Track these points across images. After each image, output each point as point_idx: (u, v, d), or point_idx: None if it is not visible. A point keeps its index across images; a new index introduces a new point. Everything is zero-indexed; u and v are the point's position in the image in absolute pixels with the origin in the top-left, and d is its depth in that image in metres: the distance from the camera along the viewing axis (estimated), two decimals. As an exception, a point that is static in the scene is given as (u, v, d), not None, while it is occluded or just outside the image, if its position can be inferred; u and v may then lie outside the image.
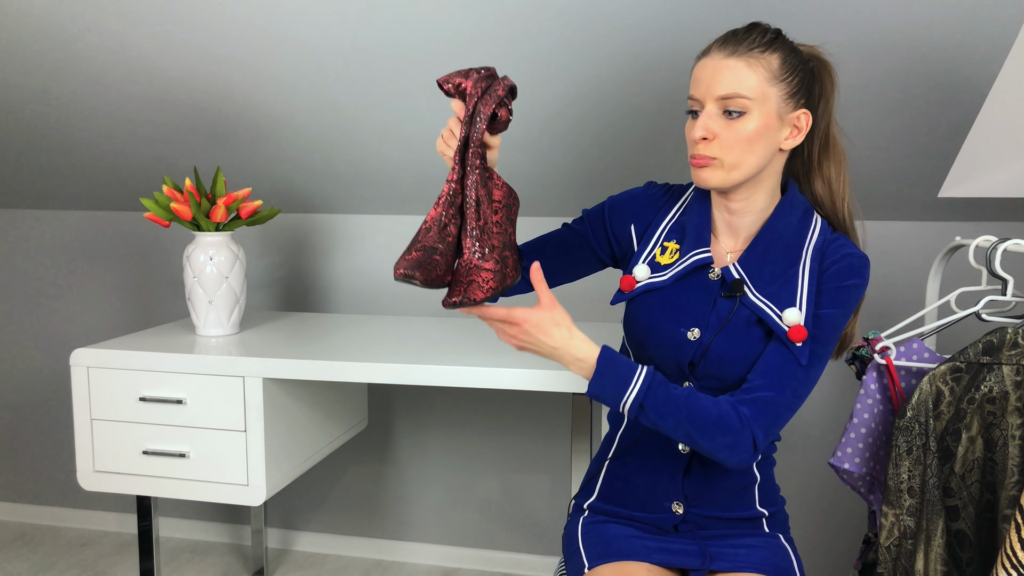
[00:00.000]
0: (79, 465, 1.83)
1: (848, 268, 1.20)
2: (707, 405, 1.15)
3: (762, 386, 1.17)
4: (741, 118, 1.16)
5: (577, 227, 1.37)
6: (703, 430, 1.14)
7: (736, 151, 1.17)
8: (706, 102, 1.18)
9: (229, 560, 2.49)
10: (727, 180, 1.20)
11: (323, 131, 2.06)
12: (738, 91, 1.15)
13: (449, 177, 1.18)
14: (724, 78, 1.16)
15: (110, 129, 2.18)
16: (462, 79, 1.17)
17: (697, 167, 1.20)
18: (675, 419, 1.14)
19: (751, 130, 1.16)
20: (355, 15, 1.73)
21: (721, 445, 1.14)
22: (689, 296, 1.24)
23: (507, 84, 1.16)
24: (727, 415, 1.14)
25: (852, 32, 1.60)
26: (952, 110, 1.72)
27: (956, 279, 2.03)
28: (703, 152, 1.19)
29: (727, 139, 1.17)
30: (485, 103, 1.15)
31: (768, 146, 1.19)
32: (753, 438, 1.15)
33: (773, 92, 1.17)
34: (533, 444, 2.34)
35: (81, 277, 2.61)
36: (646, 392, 1.15)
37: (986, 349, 1.27)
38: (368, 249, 2.38)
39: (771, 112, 1.17)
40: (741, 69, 1.16)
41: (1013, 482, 1.24)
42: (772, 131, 1.18)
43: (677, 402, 1.15)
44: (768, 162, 1.21)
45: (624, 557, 1.23)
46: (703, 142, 1.18)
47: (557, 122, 1.93)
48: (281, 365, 1.70)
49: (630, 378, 1.15)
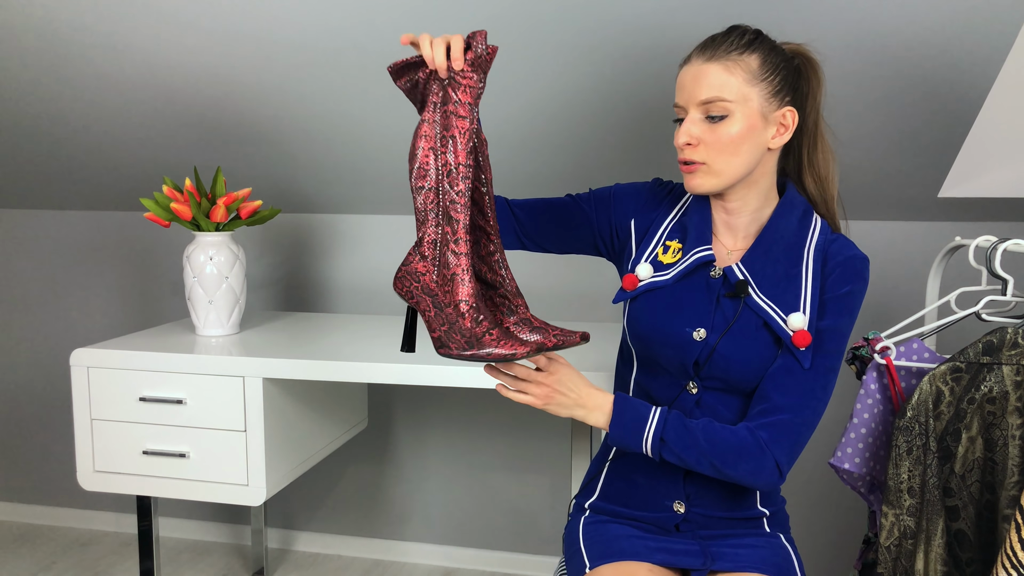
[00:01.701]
0: (79, 465, 1.83)
1: (852, 272, 1.21)
2: (725, 435, 1.17)
3: (779, 407, 1.18)
4: (723, 121, 1.17)
5: (583, 204, 1.37)
6: (724, 459, 1.16)
7: (722, 155, 1.18)
8: (689, 108, 1.19)
9: (229, 560, 2.49)
10: (717, 184, 1.20)
11: (323, 131, 2.06)
12: (718, 95, 1.16)
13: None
14: (704, 83, 1.17)
15: (110, 129, 2.18)
16: (413, 72, 1.12)
17: (687, 173, 1.22)
18: (697, 450, 1.16)
19: (735, 132, 1.17)
20: (355, 15, 1.73)
21: (745, 472, 1.17)
22: (692, 295, 1.24)
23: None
24: (745, 441, 1.17)
25: (852, 32, 1.60)
26: (952, 110, 1.72)
27: (956, 279, 2.03)
28: (690, 156, 1.20)
29: (711, 143, 1.18)
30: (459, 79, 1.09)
31: (755, 146, 1.19)
32: (775, 462, 1.17)
33: (754, 92, 1.17)
34: (533, 444, 2.34)
35: (81, 277, 2.60)
36: (664, 424, 1.17)
37: (986, 349, 1.27)
38: (368, 249, 2.38)
39: (754, 112, 1.18)
40: (719, 73, 1.17)
41: (1013, 482, 1.24)
42: (757, 131, 1.19)
43: (695, 433, 1.17)
44: (758, 162, 1.21)
45: (625, 557, 1.23)
46: (688, 147, 1.19)
47: (558, 122, 1.93)
48: (281, 365, 1.70)
49: (647, 415, 1.18)
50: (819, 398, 1.20)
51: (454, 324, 1.10)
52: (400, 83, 1.15)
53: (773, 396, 1.19)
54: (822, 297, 1.21)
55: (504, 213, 1.36)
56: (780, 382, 1.19)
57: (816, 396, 1.19)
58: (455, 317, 1.10)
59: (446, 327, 1.11)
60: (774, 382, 1.20)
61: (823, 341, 1.20)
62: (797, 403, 1.18)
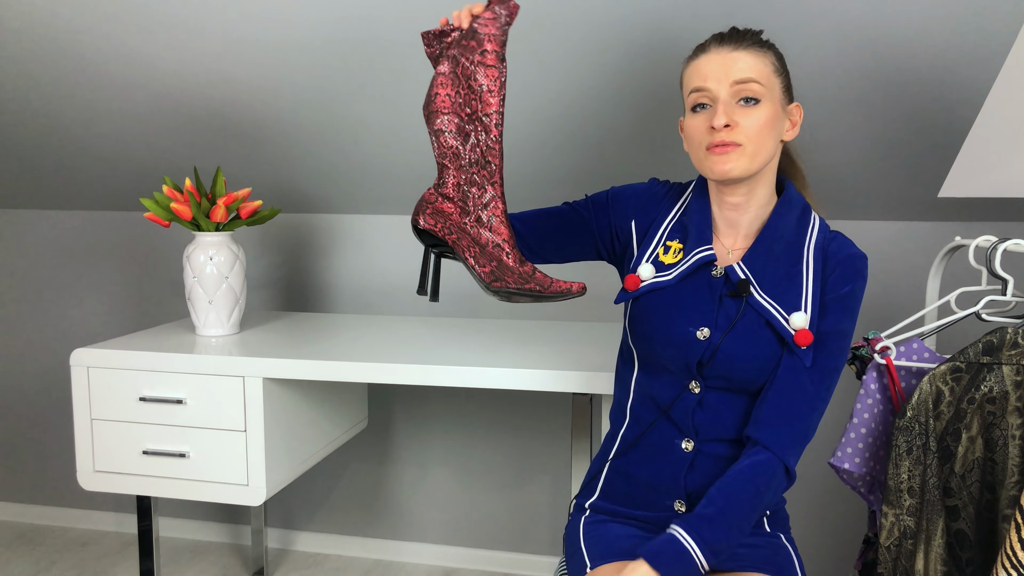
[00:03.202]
0: (79, 465, 1.83)
1: (853, 270, 1.22)
2: (739, 489, 1.16)
3: (781, 408, 1.18)
4: (757, 106, 1.18)
5: (582, 210, 1.36)
6: (755, 507, 1.16)
7: (757, 138, 1.18)
8: (720, 92, 1.18)
9: (229, 560, 2.49)
10: (749, 168, 1.19)
11: (323, 131, 2.06)
12: (753, 76, 1.17)
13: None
14: (738, 66, 1.18)
15: (110, 129, 2.18)
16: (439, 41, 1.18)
17: (719, 154, 1.18)
18: (738, 513, 1.15)
19: (765, 118, 1.18)
20: (356, 15, 1.73)
21: (771, 498, 1.18)
22: (694, 295, 1.24)
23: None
24: (756, 474, 1.17)
25: (852, 32, 1.60)
26: (952, 110, 1.72)
27: (956, 279, 2.03)
28: (729, 138, 1.17)
29: (748, 126, 1.17)
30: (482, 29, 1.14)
31: (776, 137, 1.21)
32: (784, 466, 1.18)
33: (777, 84, 1.20)
34: (533, 444, 2.34)
35: (81, 277, 2.60)
36: (698, 536, 1.12)
37: (986, 349, 1.27)
38: (368, 249, 2.38)
39: (777, 103, 1.20)
40: (751, 59, 1.18)
41: (1013, 482, 1.24)
42: (779, 121, 1.21)
43: (723, 515, 1.14)
44: (775, 154, 1.23)
45: (626, 557, 1.22)
46: (727, 129, 1.17)
47: (557, 122, 1.93)
48: (281, 365, 1.70)
49: (677, 541, 1.12)
50: (822, 397, 1.20)
51: (501, 262, 1.12)
52: (428, 52, 1.21)
53: (776, 396, 1.19)
54: (823, 297, 1.21)
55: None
56: (782, 382, 1.19)
57: (819, 396, 1.20)
58: (499, 255, 1.12)
59: (495, 263, 1.13)
60: (776, 382, 1.20)
61: (826, 341, 1.20)
62: (800, 403, 1.18)
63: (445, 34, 1.20)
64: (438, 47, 1.20)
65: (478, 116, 1.16)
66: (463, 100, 1.17)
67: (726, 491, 1.16)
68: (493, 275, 1.13)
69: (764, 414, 1.20)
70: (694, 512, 1.15)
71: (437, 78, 1.17)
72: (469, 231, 1.16)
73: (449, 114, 1.17)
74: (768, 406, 1.20)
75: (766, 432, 1.18)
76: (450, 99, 1.17)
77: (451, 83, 1.17)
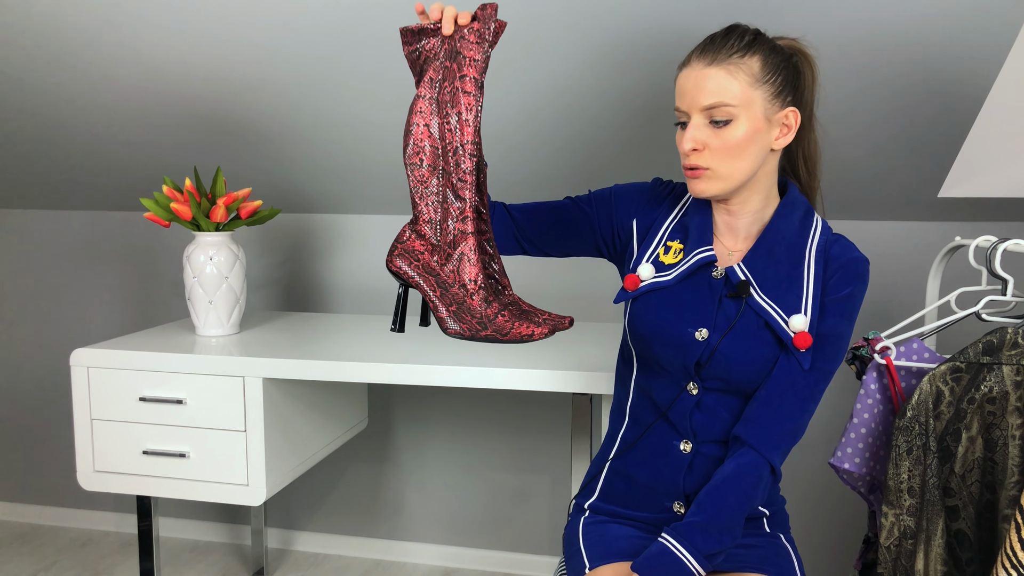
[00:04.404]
0: (79, 465, 1.83)
1: (854, 274, 1.21)
2: (727, 493, 1.18)
3: (773, 408, 1.19)
4: (728, 126, 1.16)
5: (584, 206, 1.36)
6: (744, 507, 1.18)
7: (727, 159, 1.17)
8: (692, 113, 1.18)
9: (229, 560, 2.49)
10: (723, 189, 1.20)
11: (323, 131, 2.06)
12: (722, 100, 1.15)
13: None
14: (706, 88, 1.16)
15: (110, 129, 2.18)
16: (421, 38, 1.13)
17: (692, 178, 1.20)
18: (728, 518, 1.16)
19: (740, 136, 1.16)
20: (356, 15, 1.73)
21: (761, 497, 1.20)
22: (694, 295, 1.24)
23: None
24: (742, 477, 1.18)
25: (851, 31, 1.60)
26: (952, 110, 1.72)
27: (956, 279, 2.03)
28: (696, 162, 1.18)
29: (717, 148, 1.17)
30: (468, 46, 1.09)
31: (759, 149, 1.19)
32: (770, 466, 1.20)
33: (757, 95, 1.17)
34: (533, 444, 2.34)
35: (81, 277, 2.60)
36: (690, 545, 1.14)
37: (986, 349, 1.27)
38: (368, 249, 2.38)
39: (758, 115, 1.17)
40: (722, 77, 1.15)
41: (1013, 482, 1.24)
42: (761, 134, 1.18)
43: (714, 518, 1.16)
44: (762, 164, 1.21)
45: (626, 557, 1.23)
46: (694, 153, 1.18)
47: (557, 123, 1.93)
48: (281, 365, 1.70)
49: (671, 551, 1.14)
50: (814, 399, 1.21)
51: (463, 304, 1.09)
52: (407, 50, 1.15)
53: (768, 395, 1.20)
54: (823, 299, 1.21)
55: (503, 218, 1.36)
56: (778, 383, 1.20)
57: (811, 397, 1.21)
58: (463, 297, 1.09)
59: (455, 307, 1.09)
60: (770, 381, 1.20)
61: (824, 344, 1.20)
62: (791, 403, 1.19)
63: (425, 32, 1.13)
64: (416, 45, 1.14)
65: (454, 147, 1.10)
66: (439, 132, 1.11)
67: (714, 496, 1.17)
68: (452, 317, 1.10)
69: (755, 412, 1.20)
70: (684, 520, 1.17)
71: (416, 103, 1.12)
72: (437, 271, 1.12)
73: (424, 145, 1.11)
74: (759, 404, 1.20)
75: (755, 431, 1.19)
76: (428, 129, 1.12)
77: (430, 111, 1.11)
